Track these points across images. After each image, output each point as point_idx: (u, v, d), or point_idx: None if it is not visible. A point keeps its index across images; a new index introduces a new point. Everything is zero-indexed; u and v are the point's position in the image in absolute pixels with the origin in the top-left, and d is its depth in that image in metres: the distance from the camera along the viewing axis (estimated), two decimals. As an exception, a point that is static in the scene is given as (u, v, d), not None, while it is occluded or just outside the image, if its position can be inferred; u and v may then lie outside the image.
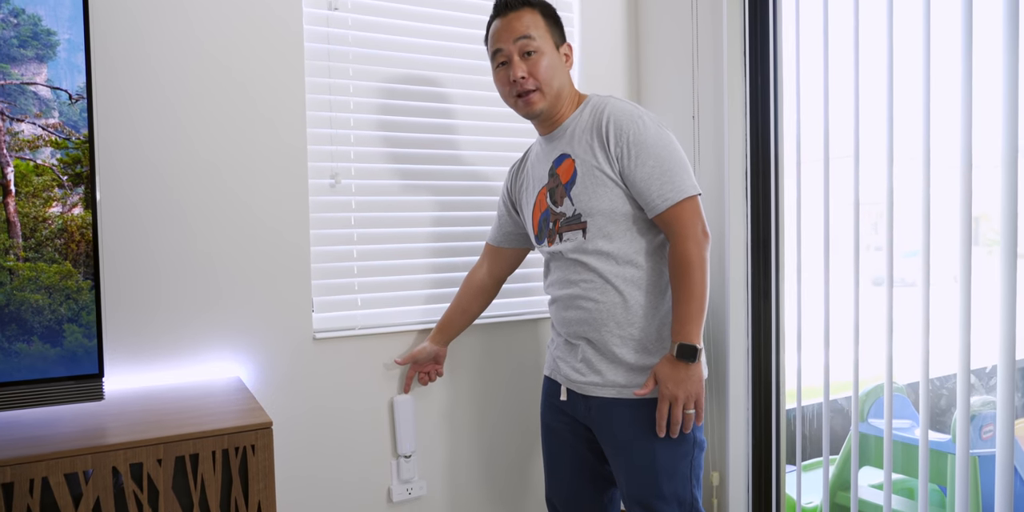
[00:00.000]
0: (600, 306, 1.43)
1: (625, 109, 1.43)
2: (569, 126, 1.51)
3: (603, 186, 1.41)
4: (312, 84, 1.80)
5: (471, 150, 2.01)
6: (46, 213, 1.23)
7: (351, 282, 1.86)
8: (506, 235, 1.76)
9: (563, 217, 1.48)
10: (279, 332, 1.76)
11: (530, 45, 1.46)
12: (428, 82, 1.94)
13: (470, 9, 1.98)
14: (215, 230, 1.68)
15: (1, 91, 1.20)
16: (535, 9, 1.50)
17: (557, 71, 1.48)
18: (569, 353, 1.51)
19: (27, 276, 1.21)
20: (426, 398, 1.95)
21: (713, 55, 1.94)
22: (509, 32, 1.47)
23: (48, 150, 1.23)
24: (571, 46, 1.56)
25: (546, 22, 1.50)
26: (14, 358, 1.22)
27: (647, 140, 1.39)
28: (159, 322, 1.63)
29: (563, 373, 1.53)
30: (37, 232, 1.22)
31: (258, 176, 1.72)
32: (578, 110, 1.52)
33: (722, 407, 1.97)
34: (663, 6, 2.12)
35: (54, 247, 1.23)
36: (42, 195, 1.22)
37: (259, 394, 1.73)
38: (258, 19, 1.71)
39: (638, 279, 1.43)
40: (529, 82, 1.46)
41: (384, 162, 1.90)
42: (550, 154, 1.54)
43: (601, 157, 1.42)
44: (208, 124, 1.67)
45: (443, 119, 1.97)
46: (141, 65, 1.60)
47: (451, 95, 1.98)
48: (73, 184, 1.25)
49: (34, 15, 1.23)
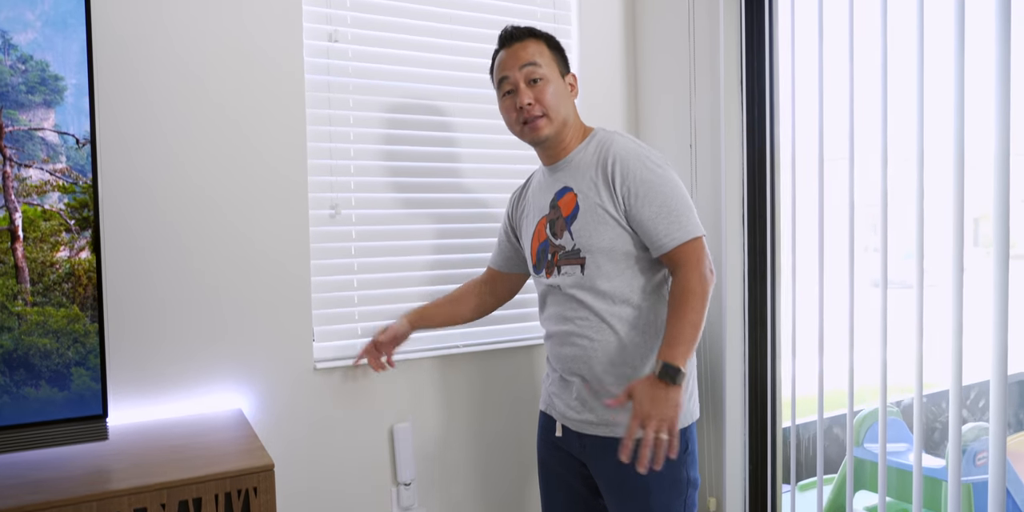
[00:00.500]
0: (595, 344, 1.44)
1: (631, 148, 1.45)
2: (573, 158, 1.52)
3: (604, 224, 1.42)
4: (313, 116, 1.81)
5: (471, 178, 2.03)
6: (54, 257, 1.24)
7: (351, 311, 1.88)
8: (506, 260, 1.76)
9: (562, 250, 1.49)
10: (280, 363, 1.77)
11: (536, 72, 1.47)
12: (428, 111, 1.96)
13: (469, 38, 2.00)
14: (218, 264, 1.69)
15: (9, 137, 1.21)
16: (540, 39, 1.52)
17: (563, 99, 1.49)
18: (564, 390, 1.52)
19: (35, 321, 1.22)
20: (425, 426, 1.96)
21: (710, 85, 1.97)
22: (515, 60, 1.49)
23: (56, 195, 1.24)
24: (576, 77, 1.58)
25: (551, 52, 1.52)
26: (22, 402, 1.23)
27: (653, 180, 1.40)
28: (163, 355, 1.64)
29: (558, 409, 1.54)
30: (45, 277, 1.23)
31: (259, 210, 1.73)
32: (584, 143, 1.52)
33: (719, 429, 1.99)
34: (660, 38, 2.15)
35: (62, 291, 1.24)
36: (50, 240, 1.23)
37: (261, 425, 1.74)
38: (259, 54, 1.72)
39: (634, 319, 1.44)
40: (536, 108, 1.47)
41: (384, 191, 1.91)
42: (552, 185, 1.54)
43: (605, 196, 1.43)
44: (209, 159, 1.68)
45: (443, 147, 1.99)
46: (144, 104, 1.61)
47: (451, 123, 2.00)
48: (80, 228, 1.26)
49: (42, 61, 1.24)
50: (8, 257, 1.20)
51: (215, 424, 1.57)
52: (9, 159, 1.21)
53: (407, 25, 1.92)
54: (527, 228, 1.62)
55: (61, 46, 1.26)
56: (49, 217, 1.23)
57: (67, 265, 1.25)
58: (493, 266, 1.79)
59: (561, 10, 2.16)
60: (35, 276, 1.22)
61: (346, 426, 1.86)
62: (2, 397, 1.21)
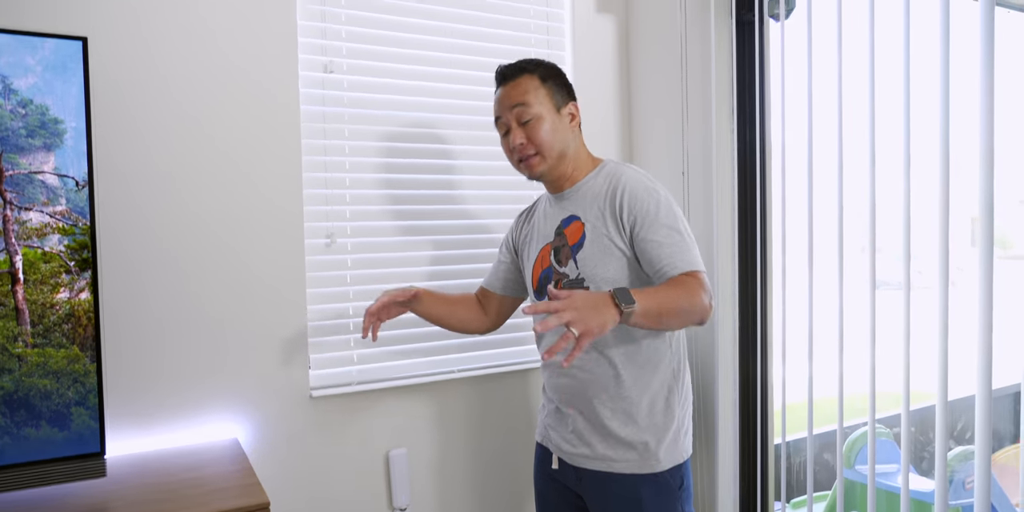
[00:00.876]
0: (592, 377, 1.46)
1: (642, 181, 1.45)
2: (581, 188, 1.52)
3: (610, 255, 1.43)
4: (308, 146, 1.83)
5: (466, 205, 2.05)
6: (54, 299, 1.25)
7: (347, 339, 1.90)
8: (503, 281, 1.74)
9: (566, 278, 1.50)
10: (276, 391, 1.79)
11: (526, 113, 1.47)
12: (423, 139, 1.99)
13: (464, 66, 2.03)
14: (215, 294, 1.71)
15: (9, 181, 1.23)
16: (533, 74, 1.50)
17: (558, 134, 1.49)
18: (560, 422, 1.54)
19: (35, 362, 1.23)
20: (421, 451, 1.98)
21: (702, 114, 2.00)
22: (507, 100, 1.50)
23: (56, 237, 1.26)
24: (577, 106, 1.54)
25: (545, 86, 1.50)
26: (22, 443, 1.24)
27: (660, 213, 1.40)
28: (161, 387, 1.66)
29: (554, 442, 1.55)
30: (45, 318, 1.24)
31: (256, 240, 1.75)
32: (592, 173, 1.52)
33: (711, 448, 2.01)
34: (653, 66, 2.18)
35: (62, 332, 1.26)
36: (50, 281, 1.25)
37: (257, 454, 1.76)
38: (255, 87, 1.74)
39: (633, 353, 1.45)
40: (528, 148, 1.48)
41: (380, 219, 1.93)
42: (559, 213, 1.55)
43: (612, 227, 1.43)
44: (207, 192, 1.70)
45: (437, 175, 2.01)
46: (141, 142, 1.63)
47: (446, 151, 2.02)
48: (80, 269, 1.28)
49: (42, 105, 1.26)
50: (9, 299, 1.22)
51: (211, 456, 1.58)
52: (9, 203, 1.22)
53: (402, 55, 1.95)
54: (530, 254, 1.62)
55: (61, 90, 1.28)
56: (49, 259, 1.25)
57: (67, 306, 1.26)
58: (487, 287, 1.77)
59: (555, 36, 2.19)
60: (35, 317, 1.24)
61: (342, 453, 1.87)
62: (3, 438, 1.23)
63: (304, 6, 1.82)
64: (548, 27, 2.18)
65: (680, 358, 1.52)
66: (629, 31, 2.27)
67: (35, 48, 1.25)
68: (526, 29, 2.14)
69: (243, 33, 1.73)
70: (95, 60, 1.52)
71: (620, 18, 2.26)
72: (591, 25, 2.21)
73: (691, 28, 2.01)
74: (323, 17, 1.85)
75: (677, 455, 1.47)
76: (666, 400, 1.47)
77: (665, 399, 1.47)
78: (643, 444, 1.44)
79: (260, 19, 1.74)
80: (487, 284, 1.77)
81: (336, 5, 1.86)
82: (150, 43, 1.63)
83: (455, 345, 2.04)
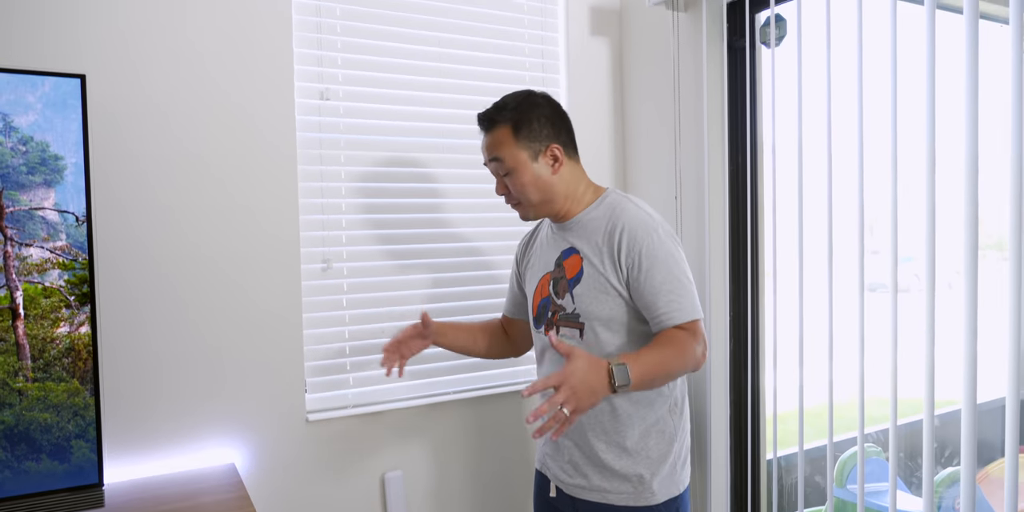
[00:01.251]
0: (589, 412, 1.46)
1: (642, 219, 1.44)
2: (582, 219, 1.52)
3: (606, 294, 1.44)
4: (304, 172, 1.85)
5: (460, 228, 2.07)
6: (54, 334, 1.27)
7: (343, 362, 1.91)
8: (516, 306, 1.76)
9: (562, 311, 1.51)
10: (273, 416, 1.80)
11: (501, 167, 1.48)
12: (418, 164, 2.01)
13: (460, 90, 2.05)
14: (212, 320, 1.73)
15: (10, 217, 1.24)
16: (505, 125, 1.47)
17: (539, 183, 1.48)
18: (557, 452, 1.55)
19: (36, 396, 1.25)
20: (417, 473, 2.00)
21: (694, 139, 2.02)
22: (486, 152, 1.52)
23: (56, 272, 1.28)
24: (558, 147, 1.49)
25: (518, 136, 1.47)
26: (23, 476, 1.25)
27: (659, 255, 1.40)
28: (159, 413, 1.67)
29: (552, 471, 1.57)
30: (45, 352, 1.26)
31: (253, 266, 1.77)
32: (594, 205, 1.52)
33: (704, 465, 2.03)
34: (646, 92, 2.21)
35: (62, 366, 1.27)
36: (50, 316, 1.26)
37: (253, 479, 1.77)
38: (251, 116, 1.76)
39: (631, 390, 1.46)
40: (510, 198, 1.53)
41: (376, 244, 1.95)
42: (559, 243, 1.55)
43: (609, 266, 1.44)
44: (204, 220, 1.71)
45: (432, 199, 2.03)
46: (139, 173, 1.64)
47: (441, 175, 2.04)
48: (80, 303, 1.29)
49: (42, 142, 1.28)
50: (9, 335, 1.23)
51: (208, 484, 1.60)
52: (10, 239, 1.24)
53: (398, 80, 1.97)
54: (531, 280, 1.63)
55: (61, 126, 1.30)
56: (49, 294, 1.26)
57: (67, 340, 1.28)
58: (507, 313, 1.79)
59: (549, 59, 2.21)
60: (36, 352, 1.25)
61: (338, 476, 1.89)
62: (3, 472, 1.24)
63: (300, 35, 1.84)
64: (543, 50, 2.20)
65: (678, 393, 1.52)
66: (623, 55, 2.30)
67: (35, 86, 1.27)
68: (521, 53, 2.16)
69: (239, 64, 1.75)
70: (94, 96, 1.53)
71: (614, 42, 2.29)
72: (585, 49, 2.24)
73: (684, 53, 2.04)
74: (319, 45, 1.87)
75: (673, 488, 1.48)
76: (661, 433, 1.47)
77: (660, 433, 1.47)
78: (637, 477, 1.45)
79: (256, 49, 1.76)
80: (509, 312, 1.79)
81: (332, 32, 1.88)
82: (147, 77, 1.64)
83: (449, 367, 2.06)
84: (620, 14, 2.30)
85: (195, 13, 1.69)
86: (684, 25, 2.04)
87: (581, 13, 2.23)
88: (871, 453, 2.28)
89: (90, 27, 1.57)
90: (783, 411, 1.92)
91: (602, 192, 1.55)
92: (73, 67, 1.50)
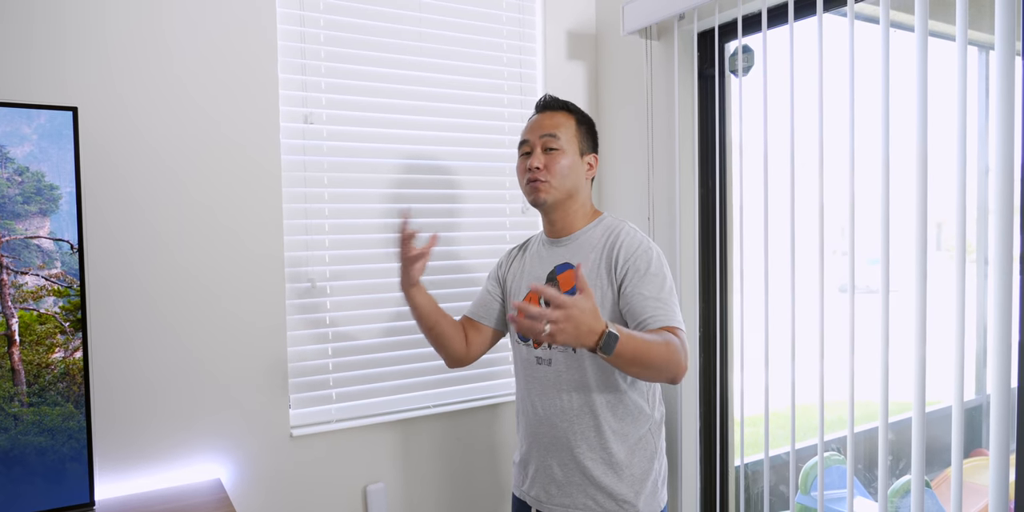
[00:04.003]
0: (573, 428, 1.50)
1: (640, 239, 1.50)
2: (580, 237, 1.56)
3: (601, 308, 1.45)
4: (289, 194, 1.90)
5: (444, 246, 2.13)
6: (49, 359, 1.31)
7: (326, 378, 1.96)
8: (489, 311, 1.72)
9: None
10: (257, 432, 1.85)
11: (553, 142, 1.53)
12: (400, 185, 2.06)
13: (440, 113, 2.11)
14: (200, 341, 1.77)
15: (6, 246, 1.28)
16: (572, 115, 1.58)
17: (573, 172, 1.54)
18: (538, 472, 1.57)
19: (31, 420, 1.29)
20: (398, 486, 2.05)
21: (667, 163, 2.10)
22: (539, 127, 1.57)
23: (51, 299, 1.31)
24: (597, 158, 1.61)
25: (578, 129, 1.57)
26: (16, 498, 1.29)
27: (652, 270, 1.45)
28: (148, 431, 1.70)
29: (532, 494, 1.59)
30: (40, 378, 1.30)
31: (240, 288, 1.81)
32: (592, 224, 1.57)
33: (674, 474, 2.11)
34: (621, 119, 2.29)
35: (57, 391, 1.31)
36: (45, 342, 1.30)
37: (239, 494, 1.82)
38: (237, 142, 1.80)
39: (614, 405, 1.50)
40: (542, 173, 1.52)
41: (358, 263, 2.00)
42: (553, 258, 1.59)
43: (606, 277, 1.48)
44: (192, 243, 1.75)
45: (415, 219, 2.08)
46: (130, 197, 1.67)
47: (423, 196, 2.10)
48: (75, 329, 1.33)
49: (38, 172, 1.32)
50: (5, 361, 1.27)
51: (194, 499, 1.64)
52: (6, 267, 1.28)
53: (380, 104, 2.02)
54: (518, 292, 1.65)
55: (56, 156, 1.33)
56: (45, 320, 1.30)
57: (62, 365, 1.32)
58: (474, 316, 1.73)
59: (528, 82, 2.28)
60: (31, 377, 1.29)
61: (321, 489, 1.94)
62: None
63: (285, 60, 1.89)
64: (521, 74, 2.27)
65: (658, 414, 1.57)
66: (599, 79, 2.38)
67: (31, 117, 1.31)
68: (500, 76, 2.23)
69: (225, 91, 1.79)
70: (87, 126, 1.56)
71: (590, 66, 2.37)
72: (561, 71, 2.31)
73: (657, 80, 2.12)
74: (304, 70, 1.92)
75: (655, 505, 1.52)
76: (644, 450, 1.51)
77: (644, 450, 1.51)
78: (621, 495, 1.48)
79: (243, 76, 1.81)
80: (473, 314, 1.73)
81: (316, 57, 1.93)
82: (136, 107, 1.68)
83: (430, 382, 2.11)
84: (596, 40, 2.37)
85: (182, 42, 1.73)
86: (657, 53, 2.12)
87: (558, 38, 2.30)
88: (836, 461, 2.37)
89: (81, 60, 1.60)
90: (756, 414, 1.98)
91: (600, 214, 1.62)
92: (65, 100, 1.53)
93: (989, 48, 1.98)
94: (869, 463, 2.55)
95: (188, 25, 1.74)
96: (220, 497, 1.66)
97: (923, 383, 1.51)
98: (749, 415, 1.98)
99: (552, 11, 2.29)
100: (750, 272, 2.01)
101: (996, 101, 1.34)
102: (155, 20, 1.70)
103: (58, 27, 1.57)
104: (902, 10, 1.62)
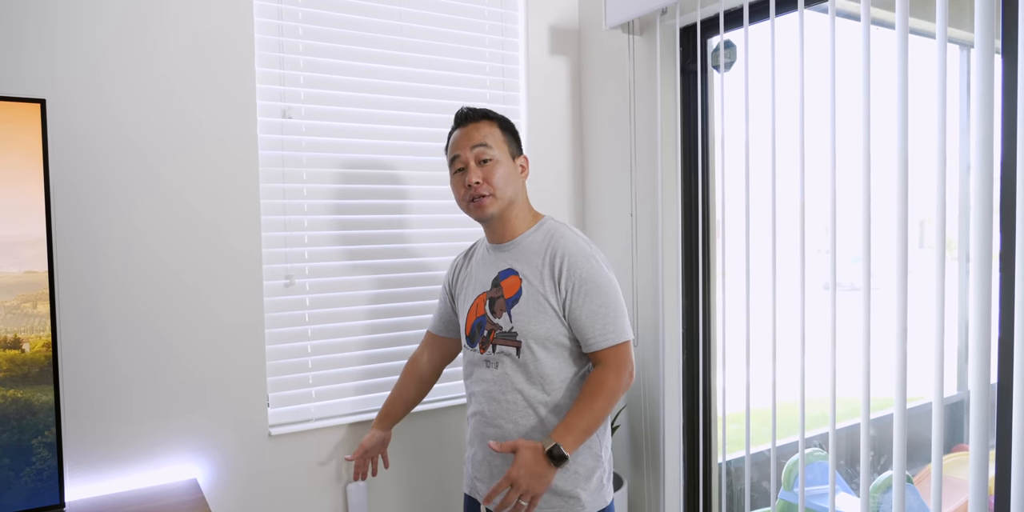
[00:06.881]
0: (519, 428, 1.51)
1: (581, 246, 1.52)
2: (521, 242, 1.57)
3: (544, 313, 1.49)
4: (267, 190, 1.87)
5: (422, 243, 2.11)
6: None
7: (306, 376, 1.94)
8: (447, 324, 1.79)
9: (499, 329, 1.54)
10: (235, 430, 1.82)
11: (486, 153, 1.54)
12: (378, 180, 2.04)
13: (420, 108, 2.09)
14: (176, 337, 1.74)
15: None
16: (493, 121, 1.59)
17: (510, 180, 1.55)
18: (487, 473, 1.57)
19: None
20: (378, 484, 2.03)
21: (649, 158, 2.09)
22: (467, 140, 1.56)
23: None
24: (527, 159, 1.63)
25: (503, 134, 1.58)
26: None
27: (597, 280, 1.48)
28: (121, 429, 1.68)
29: (480, 491, 1.59)
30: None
31: (217, 284, 1.79)
32: (532, 229, 1.58)
33: (657, 471, 2.11)
34: (604, 114, 2.28)
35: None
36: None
37: (215, 494, 1.79)
38: (214, 135, 1.77)
39: (556, 406, 1.50)
40: (483, 188, 1.52)
41: (337, 259, 1.98)
42: (496, 263, 1.60)
43: (549, 287, 1.50)
44: (169, 237, 1.73)
45: (394, 214, 2.07)
46: (104, 188, 1.65)
47: (402, 191, 2.08)
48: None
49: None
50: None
51: (169, 500, 1.61)
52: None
53: (359, 99, 2.00)
54: (465, 299, 1.66)
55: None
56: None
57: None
58: (432, 330, 1.83)
59: (510, 78, 2.26)
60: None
61: (300, 488, 1.91)
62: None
63: (263, 54, 1.86)
64: (503, 68, 2.25)
65: None
66: (581, 74, 2.37)
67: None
68: (481, 71, 2.21)
69: (202, 84, 1.76)
70: (58, 117, 1.53)
71: (573, 61, 2.35)
72: (544, 67, 2.30)
73: (639, 75, 2.11)
74: (282, 64, 1.89)
75: (600, 501, 1.52)
76: (588, 449, 1.51)
77: (588, 448, 1.51)
78: (567, 491, 1.48)
79: (219, 68, 1.78)
80: (435, 330, 1.83)
81: (295, 51, 1.91)
82: (111, 98, 1.65)
83: (412, 380, 2.09)
84: (579, 35, 2.36)
85: (158, 33, 1.70)
86: (639, 48, 2.11)
87: (541, 33, 2.29)
88: (818, 457, 2.38)
89: (55, 52, 1.57)
90: (738, 412, 1.98)
91: (540, 218, 1.62)
92: (37, 91, 1.50)
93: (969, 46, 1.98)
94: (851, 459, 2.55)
95: (165, 16, 1.71)
96: (196, 497, 1.63)
97: (904, 379, 1.52)
98: (731, 412, 1.99)
99: (534, 5, 2.27)
100: (732, 269, 2.00)
101: (976, 99, 1.35)
102: (131, 11, 1.66)
103: (34, 20, 1.54)
104: (883, 7, 1.62)
